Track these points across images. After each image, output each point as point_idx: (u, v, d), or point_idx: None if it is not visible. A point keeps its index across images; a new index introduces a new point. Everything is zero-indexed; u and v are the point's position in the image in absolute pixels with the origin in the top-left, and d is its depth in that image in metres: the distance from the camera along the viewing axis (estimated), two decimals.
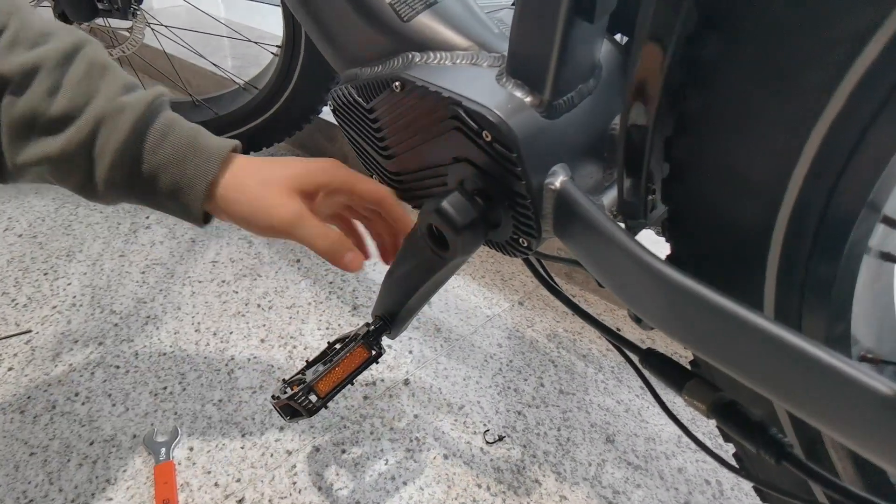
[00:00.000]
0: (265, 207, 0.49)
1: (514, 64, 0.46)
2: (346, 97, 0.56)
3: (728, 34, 0.32)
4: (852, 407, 0.29)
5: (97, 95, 0.47)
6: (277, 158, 0.53)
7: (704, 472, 0.75)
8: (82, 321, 0.94)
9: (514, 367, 0.89)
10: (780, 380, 0.32)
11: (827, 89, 0.29)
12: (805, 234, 0.34)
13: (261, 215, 0.49)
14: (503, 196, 0.48)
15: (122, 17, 1.02)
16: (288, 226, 0.49)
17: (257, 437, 0.77)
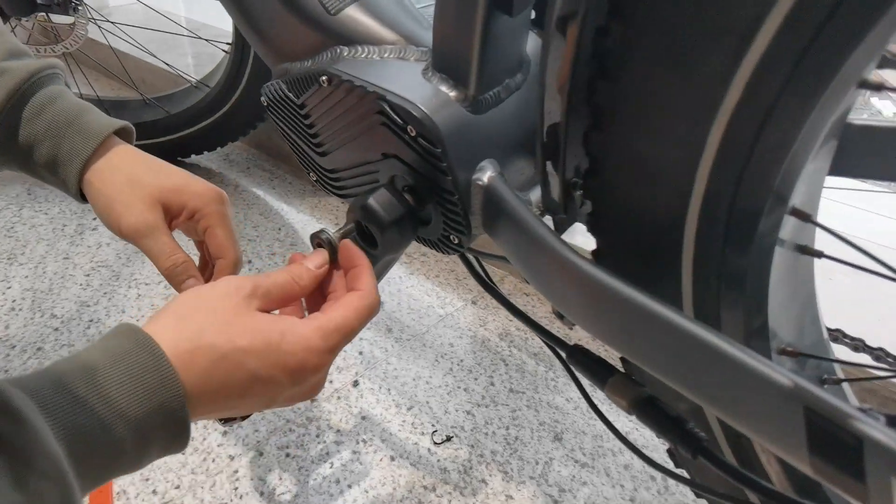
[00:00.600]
0: (119, 207, 0.47)
1: (439, 58, 0.45)
2: (277, 93, 0.55)
3: (629, 22, 0.31)
4: (755, 399, 0.29)
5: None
6: (164, 163, 0.50)
7: (650, 468, 0.75)
8: (21, 326, 0.91)
9: (465, 367, 0.89)
10: (689, 373, 0.31)
11: (724, 78, 0.29)
12: (716, 226, 0.34)
13: (112, 216, 0.47)
14: (431, 192, 0.47)
15: (62, 12, 0.99)
16: (134, 234, 0.47)
17: (199, 441, 0.75)
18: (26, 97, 0.47)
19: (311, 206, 1.26)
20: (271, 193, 1.30)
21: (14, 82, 0.46)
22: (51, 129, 0.47)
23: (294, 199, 1.29)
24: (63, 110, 0.48)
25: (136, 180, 0.48)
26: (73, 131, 0.47)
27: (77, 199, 0.50)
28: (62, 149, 0.47)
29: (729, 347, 0.29)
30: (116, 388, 0.30)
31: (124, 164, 0.49)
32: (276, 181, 1.35)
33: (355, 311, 0.38)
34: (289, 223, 1.20)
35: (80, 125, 0.48)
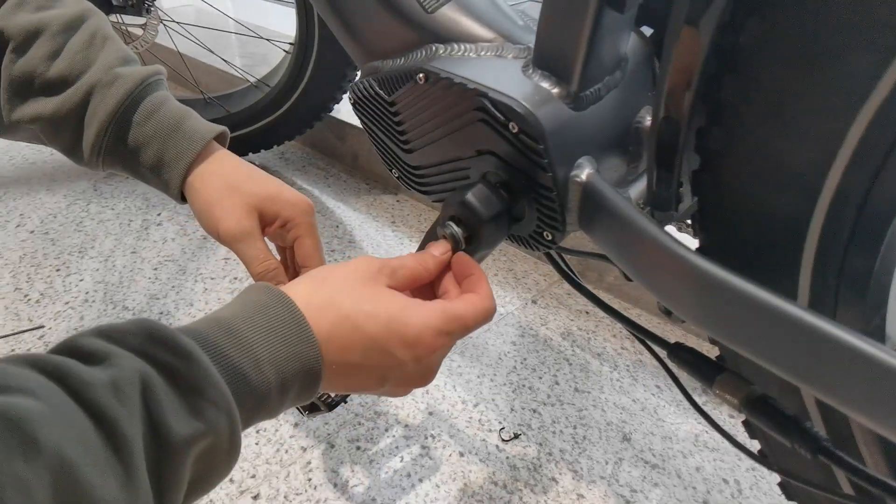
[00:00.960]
0: (219, 211, 0.49)
1: (541, 55, 0.45)
2: (367, 90, 0.56)
3: (768, 19, 0.31)
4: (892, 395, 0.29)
5: (94, 64, 0.48)
6: (259, 171, 0.52)
7: (722, 471, 0.74)
8: (95, 317, 0.94)
9: (528, 365, 0.89)
10: (819, 370, 0.31)
11: (873, 75, 0.28)
12: (843, 225, 0.34)
13: (211, 219, 0.49)
14: (528, 189, 0.47)
15: (136, 13, 1.02)
16: (231, 238, 0.49)
17: (271, 433, 0.77)
18: (137, 102, 0.49)
19: (366, 204, 1.27)
20: (327, 192, 1.32)
21: (127, 88, 0.48)
22: (158, 132, 0.49)
23: (349, 197, 1.30)
24: (169, 115, 0.50)
25: (235, 186, 0.50)
26: (178, 135, 0.50)
27: (177, 200, 0.52)
28: (168, 152, 0.50)
29: (864, 345, 0.29)
30: (262, 335, 0.32)
31: (224, 169, 0.51)
32: (330, 179, 1.37)
33: (475, 309, 0.39)
34: (345, 221, 1.22)
35: (185, 129, 0.50)
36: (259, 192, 0.50)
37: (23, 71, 0.47)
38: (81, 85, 0.48)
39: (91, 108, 0.48)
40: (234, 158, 0.52)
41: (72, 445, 0.22)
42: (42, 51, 0.47)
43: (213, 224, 0.49)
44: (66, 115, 0.48)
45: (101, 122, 0.48)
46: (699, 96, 0.35)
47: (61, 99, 0.47)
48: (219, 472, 0.30)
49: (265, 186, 0.51)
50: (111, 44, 0.50)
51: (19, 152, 1.43)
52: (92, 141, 0.49)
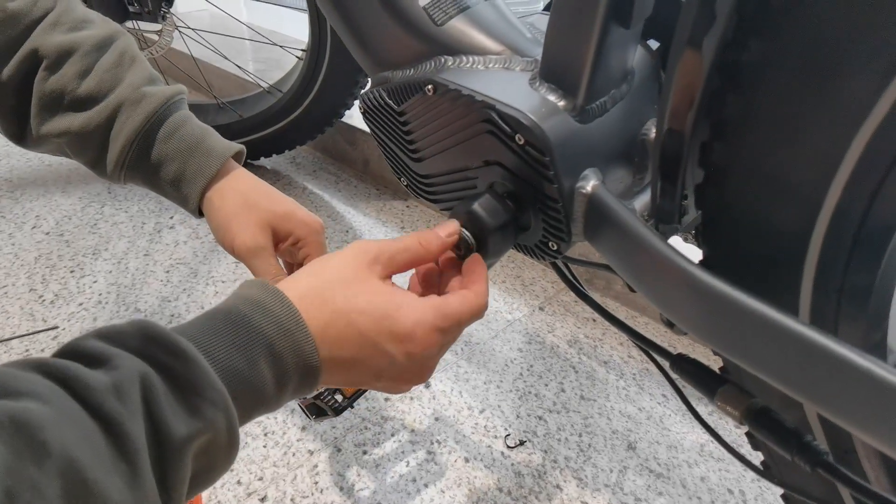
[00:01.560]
0: (235, 226, 0.51)
1: (548, 68, 0.46)
2: (376, 100, 0.57)
3: (771, 38, 0.32)
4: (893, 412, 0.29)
5: (122, 83, 0.51)
6: (275, 190, 0.54)
7: (727, 481, 0.74)
8: (108, 318, 0.96)
9: (534, 372, 0.89)
10: (820, 385, 0.31)
11: (873, 94, 0.29)
12: (844, 241, 0.34)
13: (228, 234, 0.51)
14: (534, 199, 0.48)
15: (152, 20, 1.04)
16: (246, 253, 0.51)
17: (279, 436, 0.77)
18: (161, 120, 0.52)
19: (376, 210, 1.28)
20: (337, 196, 1.33)
21: (153, 106, 0.51)
22: (180, 149, 0.52)
23: (360, 202, 1.31)
24: (191, 133, 0.53)
25: (252, 204, 0.52)
26: (199, 153, 0.52)
27: (194, 215, 0.55)
28: (189, 168, 0.52)
29: (865, 362, 0.29)
30: (258, 331, 0.33)
31: (242, 186, 0.53)
32: (341, 184, 1.38)
33: (468, 306, 0.40)
34: (355, 226, 1.23)
35: (205, 147, 0.53)
36: (275, 209, 0.52)
37: (54, 88, 0.49)
38: (110, 102, 0.50)
39: (118, 124, 0.50)
40: (252, 176, 0.55)
41: (79, 447, 0.23)
42: (73, 69, 0.49)
43: (230, 238, 0.51)
44: (93, 130, 0.50)
45: (127, 138, 0.50)
46: (702, 112, 0.36)
47: (90, 115, 0.50)
48: (219, 467, 0.31)
49: (281, 205, 0.53)
50: (138, 63, 0.53)
51: (36, 155, 1.45)
52: (116, 156, 0.51)
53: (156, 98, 0.51)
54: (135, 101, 0.51)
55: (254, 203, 0.52)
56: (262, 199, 0.53)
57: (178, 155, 0.52)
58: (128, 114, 0.50)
